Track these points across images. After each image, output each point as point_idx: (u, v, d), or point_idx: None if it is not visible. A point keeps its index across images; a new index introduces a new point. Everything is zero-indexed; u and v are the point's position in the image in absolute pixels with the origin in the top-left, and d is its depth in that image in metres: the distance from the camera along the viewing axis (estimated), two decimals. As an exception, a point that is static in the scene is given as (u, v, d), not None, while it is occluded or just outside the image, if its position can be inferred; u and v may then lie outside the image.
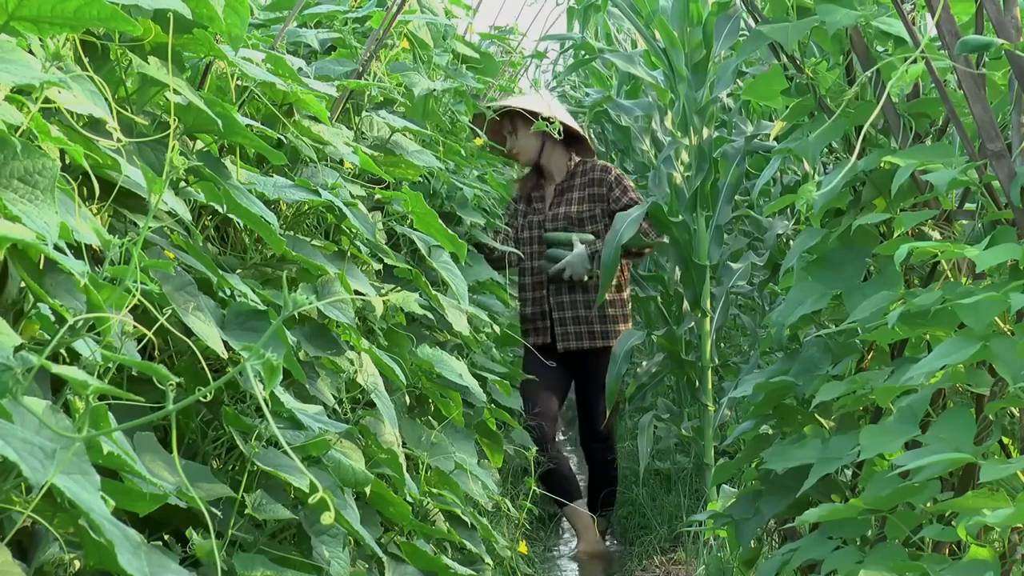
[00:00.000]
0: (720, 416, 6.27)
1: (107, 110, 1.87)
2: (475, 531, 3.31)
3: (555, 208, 5.64)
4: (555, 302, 5.58)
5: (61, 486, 1.33)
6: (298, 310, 1.39)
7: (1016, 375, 2.15)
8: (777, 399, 3.26)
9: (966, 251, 2.35)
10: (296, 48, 3.64)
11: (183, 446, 2.24)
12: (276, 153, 2.46)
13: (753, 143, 6.21)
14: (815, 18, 2.92)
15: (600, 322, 5.61)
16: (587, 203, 5.61)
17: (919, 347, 2.96)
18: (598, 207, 5.61)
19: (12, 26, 1.67)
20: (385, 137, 3.47)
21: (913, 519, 2.47)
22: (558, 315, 5.58)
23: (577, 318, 5.58)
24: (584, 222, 5.58)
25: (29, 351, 1.41)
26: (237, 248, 2.65)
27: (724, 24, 5.72)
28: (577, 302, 5.57)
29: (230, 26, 2.24)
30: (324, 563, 2.24)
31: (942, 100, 2.68)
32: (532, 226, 5.66)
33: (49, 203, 1.56)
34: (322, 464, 2.31)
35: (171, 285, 1.96)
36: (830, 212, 3.17)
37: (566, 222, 5.58)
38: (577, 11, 8.01)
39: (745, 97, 3.85)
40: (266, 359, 1.36)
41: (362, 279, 2.78)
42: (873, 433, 2.45)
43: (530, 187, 5.72)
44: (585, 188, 5.64)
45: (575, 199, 5.62)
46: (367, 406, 2.78)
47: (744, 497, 3.30)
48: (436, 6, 4.20)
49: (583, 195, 5.63)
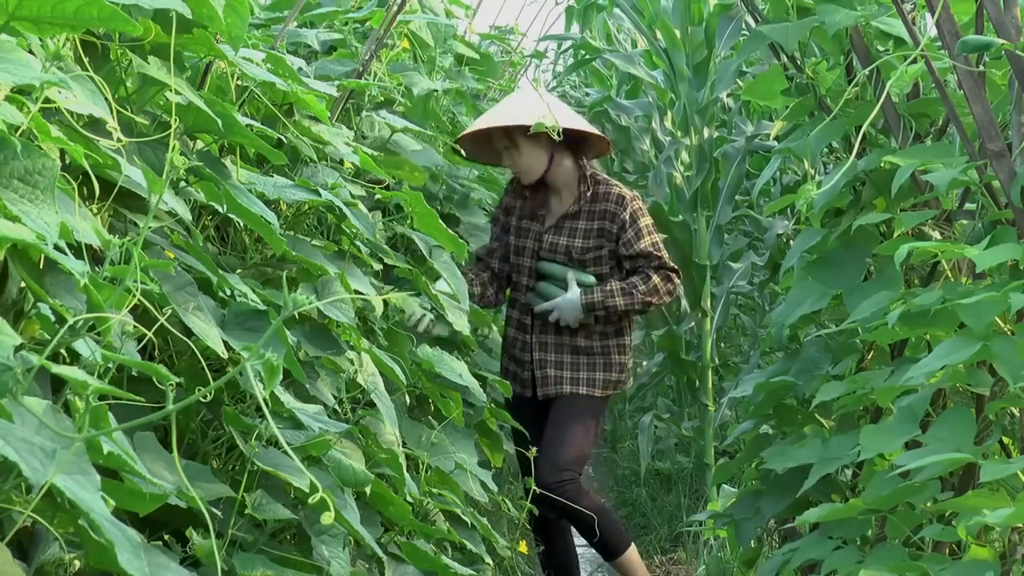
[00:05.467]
0: (720, 416, 6.27)
1: (107, 110, 1.88)
2: (475, 531, 3.31)
3: (555, 235, 4.50)
4: (538, 342, 4.53)
5: (61, 486, 1.33)
6: (298, 310, 1.39)
7: (1016, 375, 2.15)
8: (777, 399, 3.26)
9: (966, 251, 2.35)
10: (296, 48, 3.64)
11: (183, 446, 2.24)
12: (276, 153, 2.46)
13: (753, 143, 6.22)
14: (815, 18, 2.92)
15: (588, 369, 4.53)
16: (594, 238, 4.47)
17: (919, 347, 2.96)
18: (606, 247, 4.47)
19: (12, 26, 1.67)
20: (385, 137, 3.47)
21: (913, 519, 2.48)
22: (539, 356, 4.52)
23: (560, 363, 4.52)
24: (587, 262, 4.47)
25: (29, 351, 1.41)
26: (237, 248, 2.65)
27: (725, 24, 5.73)
28: (563, 346, 4.52)
29: (230, 26, 2.24)
30: (324, 563, 2.24)
31: (942, 100, 2.68)
32: (525, 251, 4.57)
33: (49, 203, 1.56)
34: (322, 464, 2.31)
35: (171, 285, 1.96)
36: (830, 212, 3.17)
37: (566, 257, 4.48)
38: (577, 11, 8.01)
39: (745, 97, 3.85)
40: (266, 359, 1.36)
41: (362, 279, 2.79)
42: (873, 433, 2.45)
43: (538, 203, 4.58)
44: (595, 219, 4.47)
45: (580, 231, 4.48)
46: (367, 406, 2.78)
47: (744, 497, 3.30)
48: (436, 6, 4.21)
49: (590, 227, 4.48)
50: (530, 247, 4.54)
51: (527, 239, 4.55)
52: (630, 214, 4.43)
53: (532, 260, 4.54)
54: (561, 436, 4.40)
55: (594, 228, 4.46)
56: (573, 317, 4.42)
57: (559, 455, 4.34)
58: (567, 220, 4.49)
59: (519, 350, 4.59)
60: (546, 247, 4.50)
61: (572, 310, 4.41)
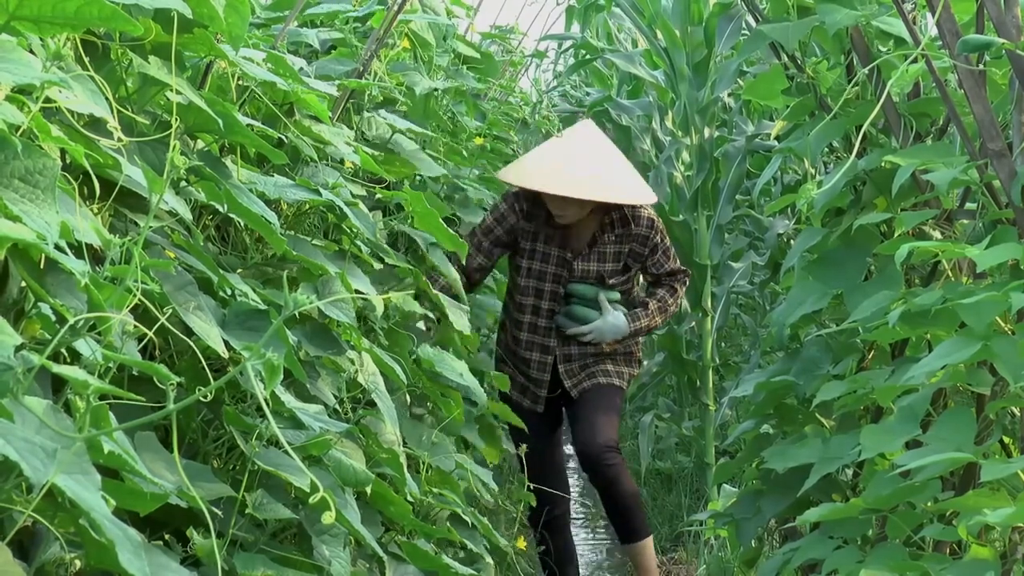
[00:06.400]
0: (721, 415, 6.27)
1: (108, 110, 1.87)
2: (476, 530, 3.31)
3: (585, 262, 4.58)
4: (562, 354, 4.65)
5: (62, 485, 1.33)
6: (299, 310, 1.39)
7: (1017, 374, 2.15)
8: (778, 399, 3.26)
9: (967, 251, 2.35)
10: (297, 48, 3.64)
11: (184, 446, 2.24)
12: (277, 152, 2.46)
13: (754, 143, 6.22)
14: (816, 18, 2.92)
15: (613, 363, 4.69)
16: (624, 260, 4.61)
17: (920, 347, 2.96)
18: (633, 267, 4.64)
19: (13, 25, 1.67)
20: (386, 136, 3.47)
21: (914, 519, 2.48)
22: (565, 368, 4.66)
23: (585, 365, 4.66)
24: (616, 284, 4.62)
25: (30, 351, 1.41)
26: (238, 247, 2.65)
27: (726, 24, 5.73)
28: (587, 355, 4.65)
29: (231, 25, 2.24)
30: (325, 563, 2.24)
31: (943, 99, 2.68)
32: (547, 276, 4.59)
33: (50, 203, 1.56)
34: (323, 464, 2.31)
35: (172, 284, 1.96)
36: (831, 212, 3.17)
37: (597, 280, 4.59)
38: (577, 11, 8.01)
39: (746, 97, 3.85)
40: (267, 359, 1.36)
41: (363, 278, 2.79)
42: (874, 433, 2.45)
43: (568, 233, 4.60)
44: (625, 243, 4.59)
45: (610, 255, 4.60)
46: (368, 405, 2.78)
47: (745, 497, 3.30)
48: (437, 5, 4.21)
49: (620, 251, 4.60)
50: (554, 272, 4.58)
51: (548, 264, 4.58)
52: (660, 236, 4.62)
53: (556, 286, 4.59)
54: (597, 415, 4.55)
55: (624, 251, 4.60)
56: (612, 339, 4.59)
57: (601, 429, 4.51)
58: (596, 246, 4.58)
59: (536, 370, 4.66)
60: (577, 274, 4.58)
61: (614, 334, 4.58)
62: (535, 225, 4.58)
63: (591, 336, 4.55)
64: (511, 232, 4.58)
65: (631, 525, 4.62)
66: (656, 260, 4.62)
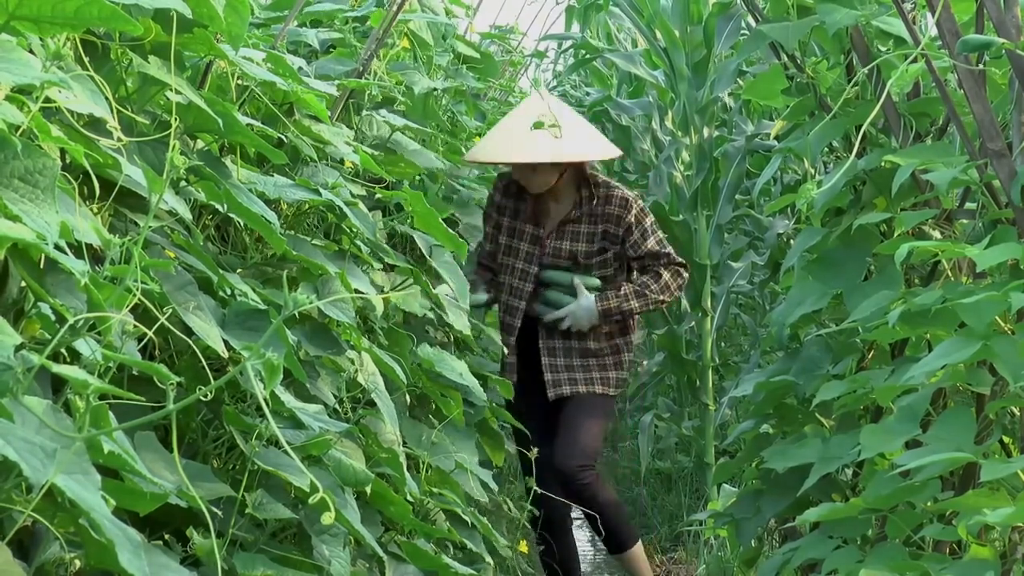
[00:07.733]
0: (721, 415, 6.27)
1: (107, 109, 1.88)
2: (476, 530, 3.31)
3: (558, 240, 4.48)
4: (545, 347, 4.52)
5: (62, 485, 1.33)
6: (299, 309, 1.39)
7: (1016, 374, 2.15)
8: (778, 398, 3.26)
9: (967, 250, 2.35)
10: (296, 47, 3.64)
11: (184, 445, 2.24)
12: (276, 152, 2.47)
13: (754, 142, 6.21)
14: (815, 17, 2.92)
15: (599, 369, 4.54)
16: (598, 241, 4.46)
17: (920, 346, 2.96)
18: (611, 250, 4.47)
19: (13, 25, 1.67)
20: (385, 136, 3.47)
21: (914, 518, 2.47)
22: (548, 361, 4.51)
23: (571, 366, 4.51)
24: (592, 266, 4.47)
25: (30, 350, 1.41)
26: (238, 247, 2.65)
27: (725, 24, 5.73)
28: (572, 350, 4.51)
29: (230, 25, 2.24)
30: (325, 562, 2.24)
31: (942, 99, 2.68)
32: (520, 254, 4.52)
33: (50, 202, 1.56)
34: (323, 463, 2.31)
35: (171, 284, 1.96)
36: (830, 211, 3.17)
37: (571, 261, 4.47)
38: (577, 10, 8.01)
39: (746, 96, 3.85)
40: (266, 358, 1.36)
41: (362, 278, 2.79)
42: (874, 432, 2.45)
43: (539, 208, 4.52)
44: (598, 223, 4.46)
45: (583, 235, 4.47)
46: (367, 405, 2.78)
47: (745, 496, 3.30)
48: (436, 5, 4.21)
49: (594, 231, 4.47)
50: (527, 250, 4.51)
51: (523, 242, 4.52)
52: (635, 215, 4.43)
53: (530, 265, 4.51)
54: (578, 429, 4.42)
55: (598, 231, 4.46)
56: (588, 323, 4.44)
57: (578, 445, 4.39)
58: (569, 224, 4.47)
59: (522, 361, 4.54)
60: (549, 252, 4.48)
61: (588, 318, 4.43)
62: (513, 202, 4.55)
63: (567, 322, 4.43)
64: (500, 211, 4.57)
65: (616, 538, 4.58)
66: (633, 240, 4.44)
